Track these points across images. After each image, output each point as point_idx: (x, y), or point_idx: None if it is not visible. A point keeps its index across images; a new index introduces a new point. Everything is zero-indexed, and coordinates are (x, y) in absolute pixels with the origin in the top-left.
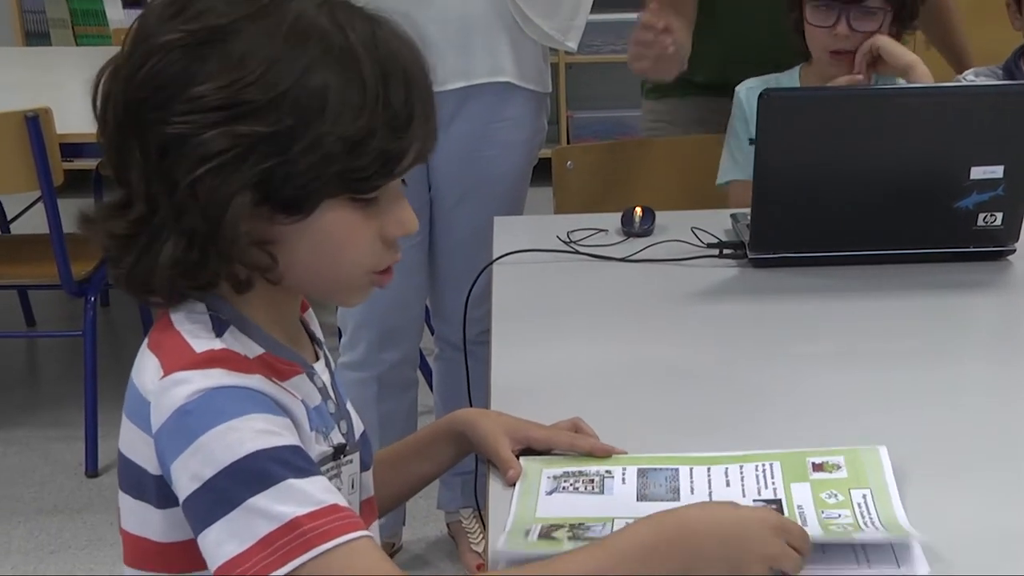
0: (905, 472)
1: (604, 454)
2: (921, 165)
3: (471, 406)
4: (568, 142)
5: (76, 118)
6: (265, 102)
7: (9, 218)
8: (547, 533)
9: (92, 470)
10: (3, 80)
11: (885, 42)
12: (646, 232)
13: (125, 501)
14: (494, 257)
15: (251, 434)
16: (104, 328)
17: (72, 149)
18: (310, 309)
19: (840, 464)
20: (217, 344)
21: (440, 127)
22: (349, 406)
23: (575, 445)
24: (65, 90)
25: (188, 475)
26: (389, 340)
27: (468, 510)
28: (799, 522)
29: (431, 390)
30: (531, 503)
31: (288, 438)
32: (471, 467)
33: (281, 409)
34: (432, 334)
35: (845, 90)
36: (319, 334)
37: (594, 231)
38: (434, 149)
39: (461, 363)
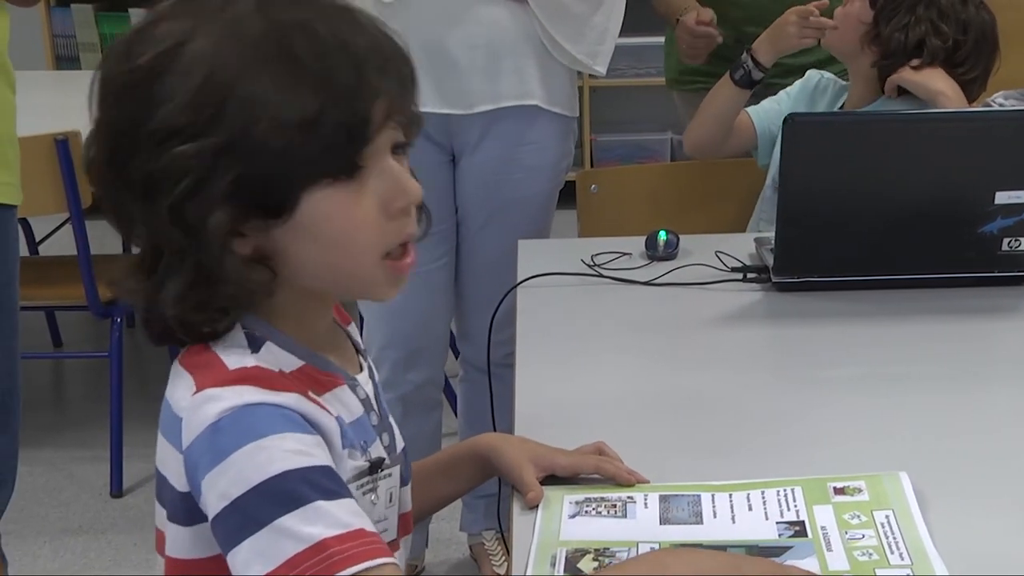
0: (929, 498)
1: (627, 483)
2: (945, 190)
3: (495, 429)
4: (592, 165)
5: None
6: (209, 117)
7: (37, 239)
8: (572, 565)
9: (117, 491)
10: (33, 103)
11: (909, 76)
12: (670, 256)
13: (167, 525)
14: (518, 280)
15: (281, 453)
16: (130, 349)
17: None
18: (352, 324)
19: (862, 488)
20: (250, 361)
21: (467, 150)
22: (391, 420)
23: (600, 468)
24: None
25: (217, 493)
26: (414, 361)
27: (491, 532)
28: (823, 544)
29: (455, 414)
30: (554, 527)
31: (319, 458)
32: (494, 489)
33: (313, 427)
34: (456, 357)
35: (869, 115)
36: (363, 346)
37: (618, 254)
38: (414, 98)
39: (486, 385)
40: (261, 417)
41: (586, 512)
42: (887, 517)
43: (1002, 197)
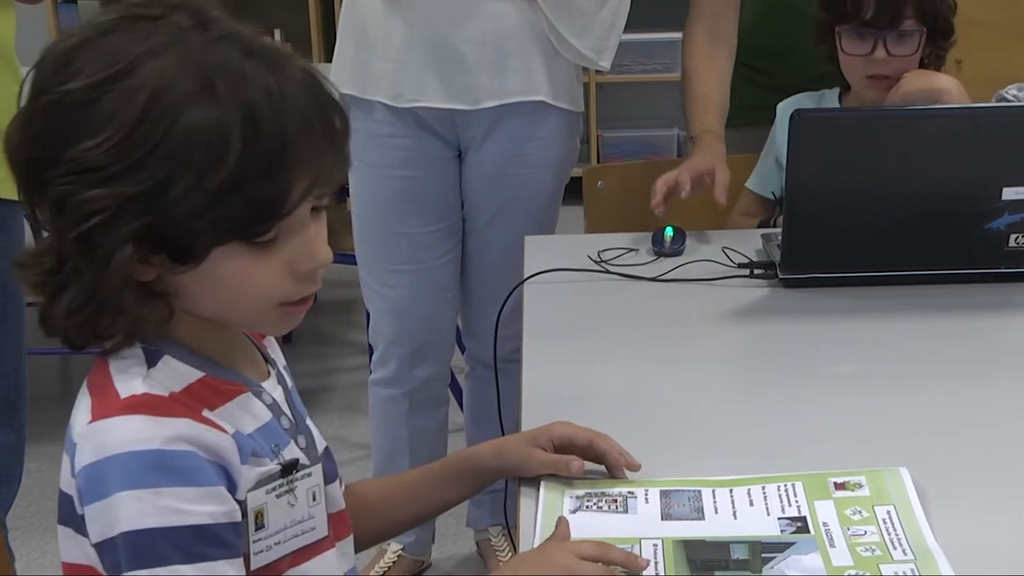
0: (931, 494)
1: (616, 462)
2: (952, 186)
3: (501, 424)
4: (598, 161)
5: None
6: (133, 161)
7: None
8: None
9: None
10: None
11: (907, 88)
12: (677, 252)
13: (64, 533)
14: (525, 276)
15: (155, 509)
16: None
17: None
18: (268, 339)
19: (862, 483)
20: (140, 387)
21: (473, 145)
22: (309, 422)
23: (594, 442)
24: None
25: (94, 526)
26: (420, 356)
27: (497, 528)
28: (826, 541)
29: (461, 409)
30: (556, 523)
31: (193, 515)
32: (501, 485)
33: (205, 459)
34: (463, 352)
35: (876, 111)
36: (274, 355)
37: (625, 250)
38: (341, 170)
39: (492, 381)
40: (147, 466)
41: (587, 507)
42: (888, 513)
43: (1009, 193)
